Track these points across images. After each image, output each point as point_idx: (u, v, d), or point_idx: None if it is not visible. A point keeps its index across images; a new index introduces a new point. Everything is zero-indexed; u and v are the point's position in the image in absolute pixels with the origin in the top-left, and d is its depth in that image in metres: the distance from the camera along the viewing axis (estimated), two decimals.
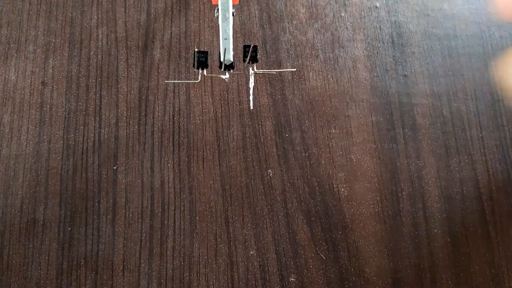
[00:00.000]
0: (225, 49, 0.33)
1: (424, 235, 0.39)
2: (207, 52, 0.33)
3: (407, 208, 0.40)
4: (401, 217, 0.40)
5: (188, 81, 0.42)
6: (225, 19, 0.33)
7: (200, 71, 0.34)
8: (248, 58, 0.33)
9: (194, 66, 0.33)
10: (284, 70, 0.43)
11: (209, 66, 0.33)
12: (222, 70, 0.33)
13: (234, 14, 0.35)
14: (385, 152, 0.41)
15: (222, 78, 0.36)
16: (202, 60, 0.33)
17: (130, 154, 0.41)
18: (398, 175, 0.41)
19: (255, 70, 0.34)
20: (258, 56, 0.33)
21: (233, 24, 0.33)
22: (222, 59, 0.33)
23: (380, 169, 0.41)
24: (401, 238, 0.39)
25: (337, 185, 0.40)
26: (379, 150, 0.41)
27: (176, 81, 0.42)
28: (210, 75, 0.41)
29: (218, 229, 0.39)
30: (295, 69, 0.43)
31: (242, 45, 0.43)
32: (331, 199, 0.40)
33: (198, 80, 0.35)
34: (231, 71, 0.34)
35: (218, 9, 0.34)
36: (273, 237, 0.39)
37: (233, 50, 0.34)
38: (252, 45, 0.32)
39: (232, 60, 0.33)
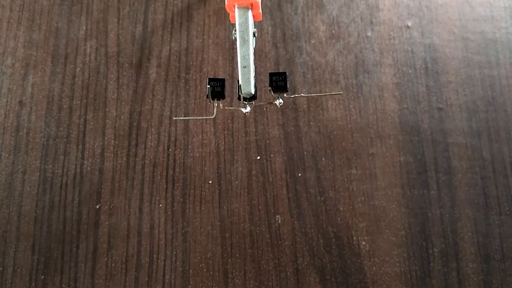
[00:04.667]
0: (238, 82, 0.27)
1: None
2: (223, 79, 0.27)
3: (439, 268, 0.34)
4: (431, 278, 0.34)
5: (201, 117, 0.36)
6: (244, 42, 0.27)
7: (215, 104, 0.28)
8: (275, 87, 0.27)
9: (207, 97, 0.27)
10: (327, 94, 0.36)
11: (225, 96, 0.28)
12: (242, 102, 0.28)
13: (256, 34, 0.29)
14: (414, 199, 0.35)
15: (241, 111, 0.30)
16: (217, 90, 0.27)
17: (116, 191, 0.35)
18: (429, 227, 0.35)
19: (286, 95, 0.28)
20: (288, 86, 0.27)
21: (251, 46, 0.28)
22: (241, 92, 0.27)
23: (408, 220, 0.35)
24: None
25: (357, 237, 0.34)
26: (408, 197, 0.35)
27: (186, 118, 0.36)
28: (226, 108, 0.35)
29: (215, 285, 0.33)
30: (341, 92, 0.37)
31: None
32: (350, 254, 0.34)
33: (213, 116, 0.29)
34: (253, 102, 0.28)
35: (235, 30, 0.28)
36: None
37: (254, 79, 0.28)
38: (280, 73, 0.27)
39: (253, 92, 0.27)
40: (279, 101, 0.28)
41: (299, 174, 0.36)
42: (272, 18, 0.39)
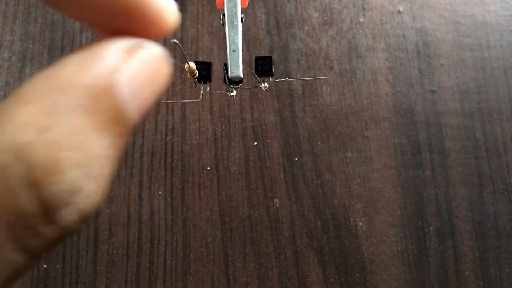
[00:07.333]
0: (225, 64, 0.27)
1: (453, 277, 0.34)
2: (210, 63, 0.28)
3: (435, 247, 0.35)
4: (428, 256, 0.34)
5: (188, 101, 0.36)
6: (233, 26, 0.28)
7: (202, 88, 0.29)
8: (260, 71, 0.27)
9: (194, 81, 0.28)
10: (312, 78, 0.37)
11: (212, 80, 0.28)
12: (228, 86, 0.28)
13: (244, 20, 0.30)
14: (409, 180, 0.36)
15: (226, 94, 0.31)
16: (203, 74, 0.28)
17: (115, 179, 0.35)
18: (425, 207, 0.35)
19: (272, 79, 0.28)
20: (273, 70, 0.28)
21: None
22: (229, 75, 0.27)
23: (404, 200, 0.35)
24: (428, 281, 0.34)
25: (354, 218, 0.35)
26: (403, 178, 0.36)
27: (173, 101, 0.36)
28: (213, 91, 0.36)
29: (215, 269, 0.34)
30: (326, 77, 0.37)
31: (247, 54, 0.38)
32: (347, 235, 0.34)
33: (199, 99, 0.29)
34: (239, 86, 0.28)
35: (224, 15, 0.28)
36: (280, 280, 0.33)
37: (242, 63, 0.28)
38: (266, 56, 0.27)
39: (241, 76, 0.28)
40: (264, 85, 0.28)
41: (296, 159, 0.36)
42: (266, 6, 0.40)
